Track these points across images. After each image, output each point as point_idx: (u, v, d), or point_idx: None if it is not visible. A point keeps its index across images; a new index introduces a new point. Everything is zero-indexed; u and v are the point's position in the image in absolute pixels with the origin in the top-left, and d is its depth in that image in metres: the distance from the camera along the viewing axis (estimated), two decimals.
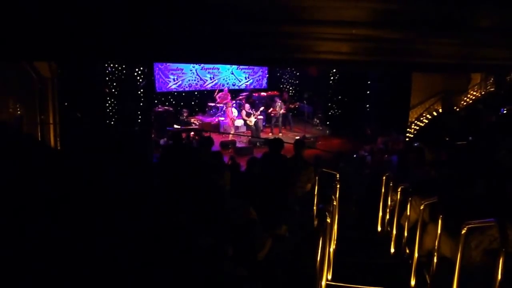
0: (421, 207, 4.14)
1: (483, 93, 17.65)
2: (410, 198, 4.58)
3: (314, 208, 5.87)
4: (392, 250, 5.33)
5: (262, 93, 19.02)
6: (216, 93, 17.76)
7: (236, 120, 16.76)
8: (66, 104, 12.97)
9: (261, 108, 16.93)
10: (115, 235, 2.70)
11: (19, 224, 2.55)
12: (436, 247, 3.64)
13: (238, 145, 15.51)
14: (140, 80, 15.65)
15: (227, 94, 17.41)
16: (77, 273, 2.32)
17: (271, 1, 5.83)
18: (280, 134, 16.60)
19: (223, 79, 19.02)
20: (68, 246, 2.46)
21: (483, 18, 6.33)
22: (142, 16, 6.09)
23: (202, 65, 18.03)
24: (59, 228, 2.63)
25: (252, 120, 16.14)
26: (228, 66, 18.63)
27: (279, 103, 17.13)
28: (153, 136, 15.24)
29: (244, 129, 16.97)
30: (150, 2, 5.87)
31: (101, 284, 2.35)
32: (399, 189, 5.34)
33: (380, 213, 6.25)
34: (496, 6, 5.87)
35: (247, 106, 16.45)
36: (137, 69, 15.42)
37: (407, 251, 4.76)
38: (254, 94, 18.75)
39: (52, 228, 2.60)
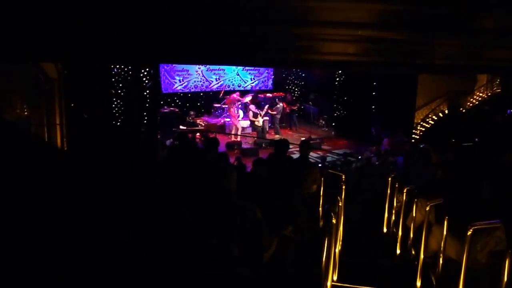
0: (427, 209, 4.14)
1: (489, 94, 17.61)
2: (415, 200, 4.58)
3: (320, 209, 5.89)
4: (398, 251, 5.33)
5: (268, 94, 19.03)
6: (221, 94, 17.78)
7: (242, 121, 16.77)
8: (72, 105, 13.04)
9: (266, 107, 16.80)
10: (119, 235, 2.72)
11: (23, 224, 2.58)
12: (441, 249, 3.65)
13: (244, 146, 15.53)
14: (146, 81, 15.71)
15: (235, 98, 17.16)
16: (81, 272, 2.34)
17: (276, 2, 5.84)
18: (277, 136, 16.54)
19: (229, 80, 19.04)
20: (72, 247, 2.48)
21: (489, 19, 6.32)
22: (147, 17, 6.11)
23: (207, 66, 18.06)
24: (65, 228, 2.65)
25: (260, 121, 16.13)
26: (234, 67, 18.65)
27: (279, 105, 17.11)
28: (159, 137, 15.29)
29: (249, 130, 16.99)
30: (155, 3, 5.90)
31: (104, 284, 2.37)
32: (404, 190, 5.34)
33: (386, 214, 6.25)
34: (503, 7, 5.85)
35: (252, 106, 16.41)
36: (143, 70, 15.47)
37: (413, 252, 4.76)
38: (259, 95, 18.75)
39: (58, 228, 2.62)
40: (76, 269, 2.34)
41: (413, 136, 15.98)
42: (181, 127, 15.97)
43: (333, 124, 18.46)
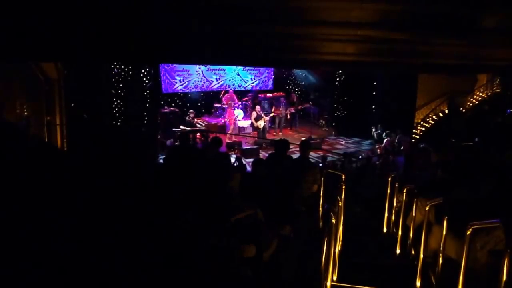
0: (427, 208, 4.13)
1: (489, 94, 17.59)
2: (415, 199, 4.57)
3: (320, 209, 5.88)
4: (398, 251, 5.32)
5: (268, 94, 19.03)
6: (222, 94, 17.80)
7: (242, 121, 16.77)
8: (72, 105, 13.04)
9: (272, 114, 17.00)
10: (120, 235, 2.72)
11: (23, 223, 2.58)
12: (441, 248, 3.64)
13: (244, 146, 15.53)
14: (146, 81, 15.71)
15: (233, 96, 17.43)
16: (82, 273, 2.34)
17: (275, 2, 5.85)
18: (280, 134, 16.77)
19: (229, 80, 19.03)
20: (72, 247, 2.48)
21: (489, 18, 6.32)
22: (148, 17, 6.12)
23: (208, 66, 18.07)
24: (65, 228, 2.65)
25: (261, 124, 16.14)
26: (234, 67, 18.66)
27: (283, 104, 17.22)
28: (159, 137, 15.28)
29: (249, 130, 17.00)
30: (155, 3, 5.90)
31: (106, 284, 2.37)
32: (404, 190, 5.33)
33: (386, 214, 6.25)
34: (502, 7, 5.86)
35: (258, 108, 16.44)
36: (143, 70, 15.48)
37: (413, 252, 4.75)
38: (260, 95, 18.76)
39: (57, 228, 2.63)
40: (76, 268, 2.35)
41: (413, 135, 15.98)
42: (181, 127, 15.98)
43: (334, 124, 18.47)
